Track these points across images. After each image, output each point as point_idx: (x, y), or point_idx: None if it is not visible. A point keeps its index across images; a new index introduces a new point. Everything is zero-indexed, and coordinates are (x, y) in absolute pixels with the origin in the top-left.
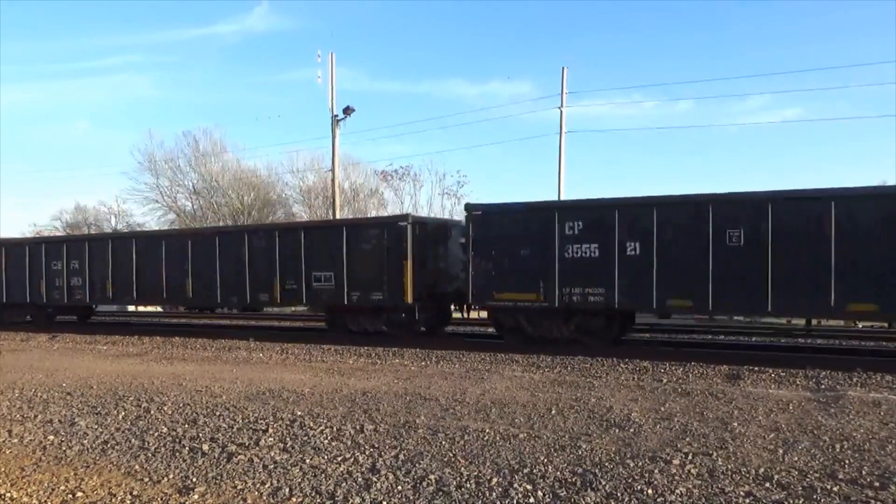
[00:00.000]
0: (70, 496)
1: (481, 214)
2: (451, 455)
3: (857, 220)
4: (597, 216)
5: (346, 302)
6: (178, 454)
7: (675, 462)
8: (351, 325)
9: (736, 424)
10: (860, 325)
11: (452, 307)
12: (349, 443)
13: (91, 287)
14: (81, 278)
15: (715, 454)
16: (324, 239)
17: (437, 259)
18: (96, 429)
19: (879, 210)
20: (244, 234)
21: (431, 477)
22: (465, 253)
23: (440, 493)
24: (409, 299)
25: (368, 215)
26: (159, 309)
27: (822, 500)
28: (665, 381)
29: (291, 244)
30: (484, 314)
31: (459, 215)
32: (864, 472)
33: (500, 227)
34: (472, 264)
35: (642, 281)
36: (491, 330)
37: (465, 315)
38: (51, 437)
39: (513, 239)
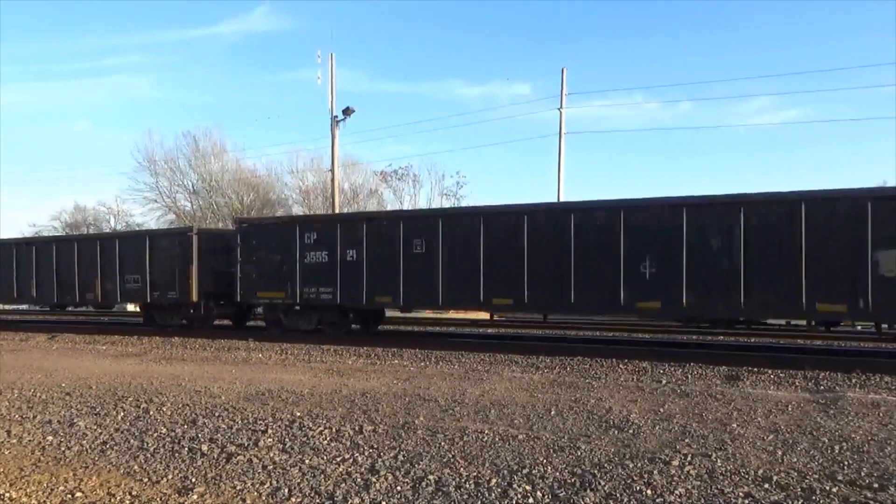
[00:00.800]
0: (69, 496)
1: (246, 227)
2: (451, 456)
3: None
4: (326, 228)
5: (149, 300)
6: (177, 454)
7: (675, 463)
8: (158, 319)
9: (735, 425)
10: (859, 327)
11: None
12: (348, 443)
13: None
14: None
15: (714, 455)
16: (133, 247)
17: (225, 264)
18: (95, 429)
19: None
20: (74, 243)
21: (430, 477)
22: (236, 259)
23: (439, 494)
24: (195, 298)
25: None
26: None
27: (822, 502)
28: (664, 382)
29: (109, 251)
30: (483, 315)
31: None
32: (863, 474)
33: (259, 237)
34: (239, 269)
35: (357, 281)
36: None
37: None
38: (50, 438)
39: (268, 247)
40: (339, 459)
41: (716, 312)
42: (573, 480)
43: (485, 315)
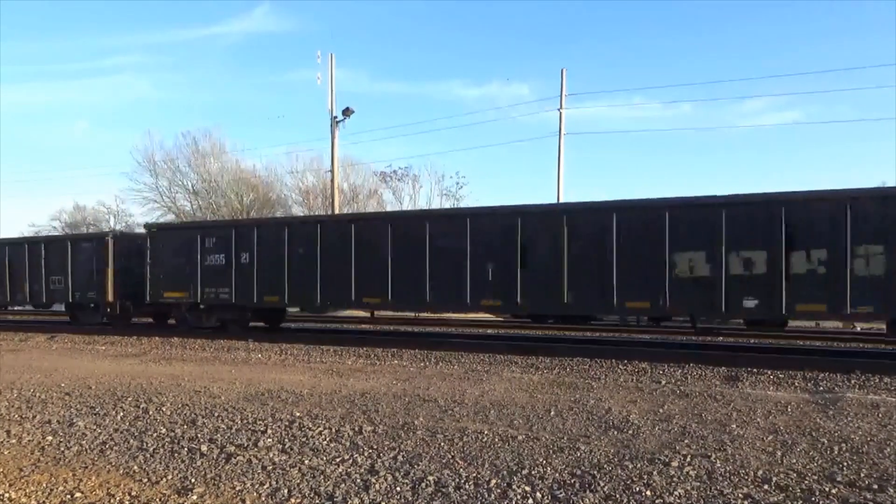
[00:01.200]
0: (69, 497)
1: (155, 232)
2: (450, 456)
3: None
4: (223, 233)
5: (71, 300)
6: (176, 455)
7: (674, 464)
8: (81, 318)
9: (734, 426)
10: (859, 328)
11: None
12: (348, 444)
13: None
14: None
15: (713, 456)
16: (57, 250)
17: (140, 267)
18: (95, 429)
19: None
20: (6, 247)
21: (430, 478)
22: (145, 262)
23: (439, 495)
24: (111, 298)
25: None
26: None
27: (821, 503)
28: (664, 382)
29: (36, 255)
30: (483, 315)
31: None
32: (862, 475)
33: (166, 242)
34: (149, 271)
35: (249, 282)
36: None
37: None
38: (49, 438)
39: (174, 251)
40: (338, 460)
41: (545, 309)
42: (572, 481)
43: (363, 313)
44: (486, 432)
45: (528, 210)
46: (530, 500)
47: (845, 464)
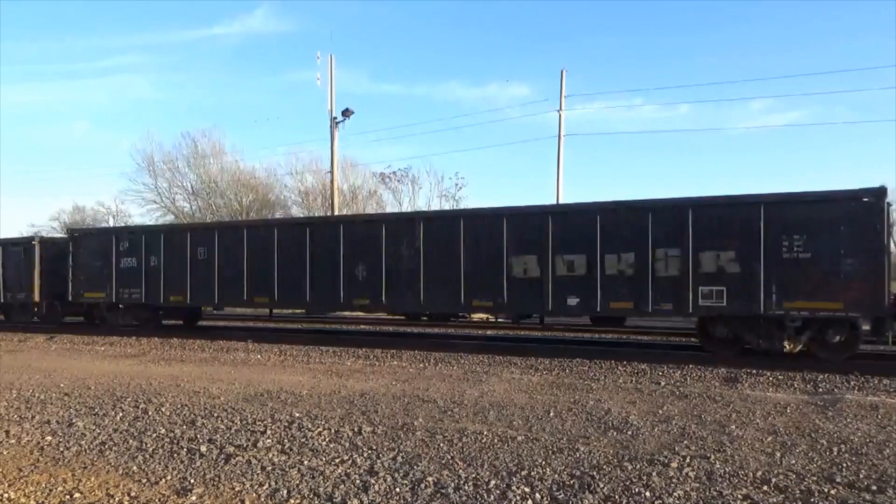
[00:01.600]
0: (68, 497)
1: (77, 236)
2: (450, 457)
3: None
4: (135, 238)
5: (3, 300)
6: (176, 455)
7: (673, 465)
8: (14, 317)
9: (734, 427)
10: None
11: None
12: (347, 444)
13: None
14: None
15: (713, 457)
16: None
17: (66, 269)
18: (94, 430)
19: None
20: None
21: (429, 479)
22: (68, 264)
23: (438, 495)
24: (38, 298)
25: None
26: None
27: None
28: (663, 383)
29: None
30: (482, 317)
31: None
32: (861, 476)
33: (86, 245)
34: (71, 272)
35: (157, 283)
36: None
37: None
38: (48, 438)
39: (94, 254)
40: (337, 461)
41: (406, 308)
42: (572, 482)
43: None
44: (485, 433)
45: (389, 218)
46: (529, 501)
47: (844, 465)
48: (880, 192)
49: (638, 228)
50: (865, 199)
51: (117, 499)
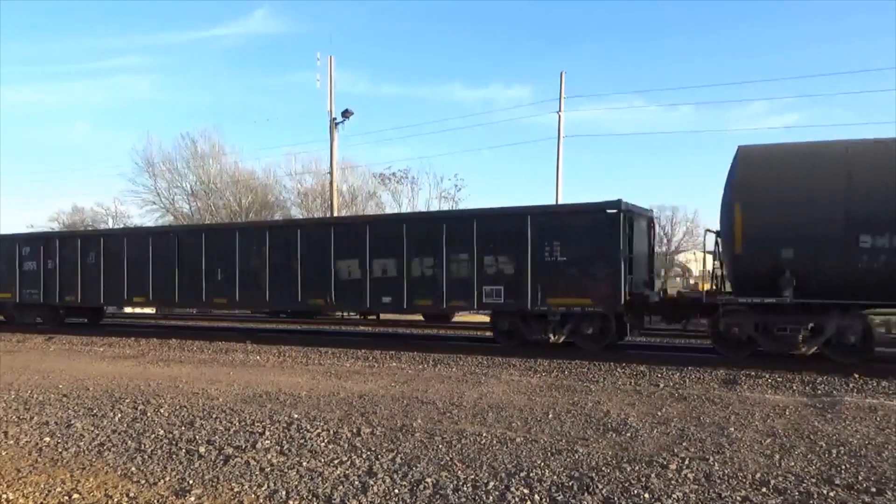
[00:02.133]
0: (66, 498)
1: None
2: (448, 458)
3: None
4: (36, 244)
5: None
6: (174, 456)
7: (672, 466)
8: None
9: (733, 429)
10: None
11: None
12: (346, 446)
13: None
14: None
15: (712, 459)
16: None
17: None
18: (93, 430)
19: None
20: None
21: (428, 480)
22: None
23: (437, 497)
24: None
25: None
26: None
27: None
28: (662, 385)
29: None
30: (481, 318)
31: None
32: (860, 478)
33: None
34: None
35: (54, 284)
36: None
37: None
38: (47, 439)
39: (3, 258)
40: (336, 462)
41: (254, 305)
42: (571, 483)
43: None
44: (484, 434)
45: (244, 226)
46: (528, 503)
47: (843, 467)
48: (618, 205)
49: (436, 236)
50: (608, 211)
51: (116, 500)
